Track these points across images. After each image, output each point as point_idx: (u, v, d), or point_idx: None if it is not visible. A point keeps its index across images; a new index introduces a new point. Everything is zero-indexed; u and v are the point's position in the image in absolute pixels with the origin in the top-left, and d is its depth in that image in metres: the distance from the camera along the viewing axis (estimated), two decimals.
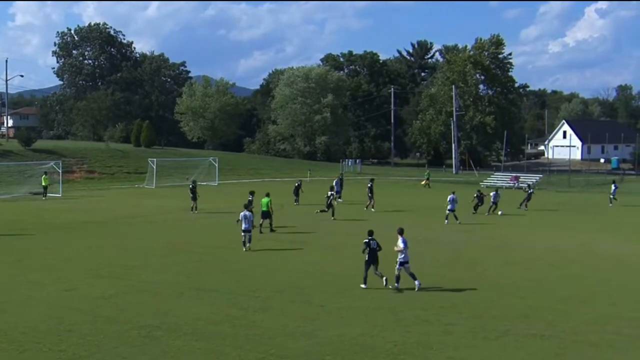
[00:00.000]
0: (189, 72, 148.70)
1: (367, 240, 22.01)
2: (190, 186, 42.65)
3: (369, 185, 44.99)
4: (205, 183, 62.48)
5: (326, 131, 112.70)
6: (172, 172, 69.09)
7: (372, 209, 43.32)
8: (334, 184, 46.14)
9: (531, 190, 47.12)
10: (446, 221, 37.84)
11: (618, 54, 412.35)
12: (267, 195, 34.36)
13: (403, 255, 21.38)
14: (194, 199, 41.42)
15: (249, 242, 28.65)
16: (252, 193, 35.83)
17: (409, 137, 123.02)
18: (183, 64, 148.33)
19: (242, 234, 28.58)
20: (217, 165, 69.79)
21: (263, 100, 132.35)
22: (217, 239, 31.44)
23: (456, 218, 37.84)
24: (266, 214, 33.46)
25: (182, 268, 24.71)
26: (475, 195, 43.24)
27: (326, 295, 20.68)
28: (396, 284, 21.30)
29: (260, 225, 33.12)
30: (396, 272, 21.34)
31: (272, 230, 33.61)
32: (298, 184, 49.24)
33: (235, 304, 19.50)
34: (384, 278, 21.58)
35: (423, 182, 69.57)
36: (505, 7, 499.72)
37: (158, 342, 15.94)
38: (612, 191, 50.89)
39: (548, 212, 44.73)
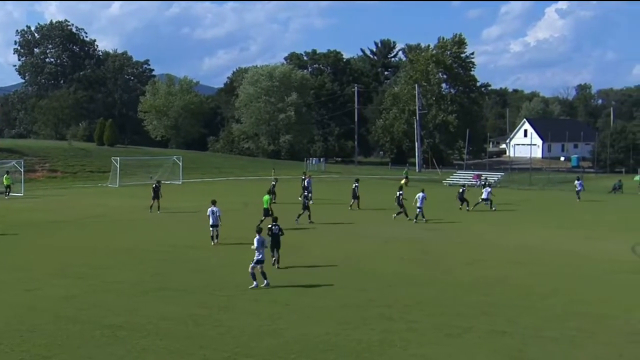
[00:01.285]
0: (153, 70, 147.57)
1: (270, 226, 24.50)
2: (154, 185, 42.34)
3: (354, 185, 45.11)
4: (169, 182, 62.14)
5: (290, 130, 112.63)
6: (135, 171, 68.60)
7: (358, 208, 43.55)
8: (305, 183, 45.87)
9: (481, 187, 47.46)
10: (415, 220, 37.83)
11: (578, 54, 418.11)
12: (268, 192, 35.72)
13: (259, 254, 21.12)
14: (156, 198, 41.16)
15: (217, 237, 29.25)
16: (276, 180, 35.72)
17: (373, 136, 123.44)
18: (146, 62, 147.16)
19: (210, 229, 29.20)
20: (181, 164, 69.41)
21: (227, 98, 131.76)
22: (181, 238, 31.34)
23: (423, 216, 38.11)
24: (267, 212, 34.03)
25: (146, 267, 24.63)
26: (460, 190, 44.76)
27: (291, 293, 20.75)
28: (254, 282, 21.10)
29: (261, 222, 33.14)
30: (250, 270, 21.20)
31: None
32: (274, 183, 49.00)
33: (200, 303, 19.49)
34: (274, 259, 24.52)
35: (403, 181, 69.90)
36: (468, 7, 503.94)
37: (122, 342, 15.89)
38: (577, 187, 52.51)
39: (510, 209, 45.24)
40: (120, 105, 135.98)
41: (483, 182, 59.45)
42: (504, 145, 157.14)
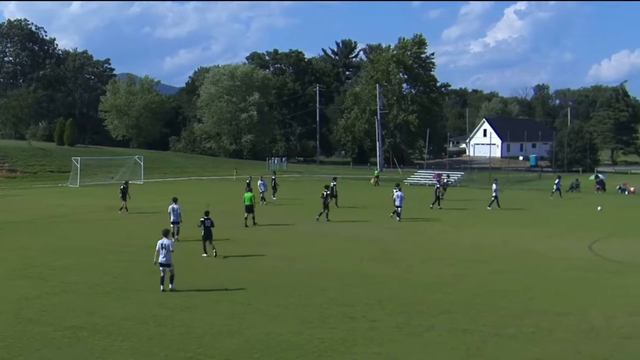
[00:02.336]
0: (114, 69, 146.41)
1: (202, 219, 26.38)
2: (122, 186, 42.03)
3: (332, 184, 45.45)
4: (130, 182, 61.57)
5: (252, 129, 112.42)
6: (96, 170, 68.07)
7: (336, 206, 43.82)
8: (259, 184, 45.96)
9: (438, 186, 47.73)
10: (398, 219, 38.14)
11: (536, 54, 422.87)
12: (250, 190, 36.68)
13: (163, 257, 20.77)
14: (124, 199, 40.85)
15: (177, 233, 29.94)
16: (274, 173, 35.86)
17: (334, 136, 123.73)
18: (107, 61, 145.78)
19: (171, 225, 29.74)
20: (142, 163, 68.96)
21: (189, 98, 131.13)
22: (142, 238, 31.11)
23: (398, 216, 38.38)
24: (250, 208, 35.13)
25: (107, 268, 24.48)
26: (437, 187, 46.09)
27: (252, 293, 20.79)
28: (162, 286, 20.76)
29: (245, 219, 35.07)
30: (162, 274, 20.84)
31: (254, 224, 35.18)
32: (249, 182, 48.90)
33: (162, 303, 19.45)
34: (215, 250, 26.31)
35: (372, 181, 70.16)
36: (428, 8, 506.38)
37: (84, 343, 15.82)
38: (556, 185, 54.65)
39: (470, 209, 45.72)
40: (80, 104, 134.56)
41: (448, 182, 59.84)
42: (463, 145, 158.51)
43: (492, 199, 45.54)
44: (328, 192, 39.03)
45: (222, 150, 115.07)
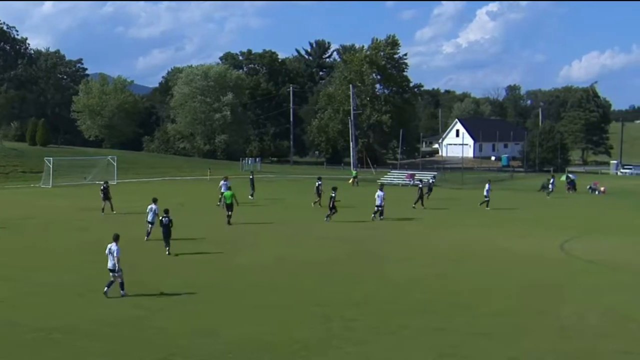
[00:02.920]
0: (86, 69, 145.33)
1: (161, 218, 27.45)
2: (102, 187, 41.70)
3: (317, 183, 46.18)
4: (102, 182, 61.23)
5: (226, 130, 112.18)
6: (69, 171, 67.41)
7: (320, 205, 44.06)
8: (220, 184, 45.58)
9: (420, 186, 47.88)
10: (380, 217, 38.56)
11: (508, 55, 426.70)
12: (230, 188, 37.88)
13: (113, 263, 20.20)
14: (106, 199, 40.44)
15: (149, 235, 30.27)
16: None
17: (308, 136, 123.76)
18: (80, 61, 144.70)
19: (148, 225, 30.23)
20: (115, 164, 68.41)
21: (162, 98, 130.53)
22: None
23: (381, 215, 38.60)
24: (230, 207, 35.80)
25: (81, 269, 24.28)
26: (420, 186, 46.53)
27: (227, 294, 20.77)
28: (105, 288, 20.11)
29: (227, 217, 35.53)
30: (113, 279, 20.32)
31: (229, 224, 35.37)
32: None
33: (136, 304, 19.35)
34: (168, 248, 26.89)
35: (350, 181, 70.22)
36: (401, 8, 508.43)
37: (57, 345, 15.72)
38: (551, 185, 55.84)
39: (444, 208, 45.93)
40: (52, 104, 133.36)
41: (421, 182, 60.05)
42: (436, 145, 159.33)
43: (485, 199, 45.93)
44: (334, 195, 38.53)
45: (196, 150, 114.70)
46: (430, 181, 56.47)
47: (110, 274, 20.18)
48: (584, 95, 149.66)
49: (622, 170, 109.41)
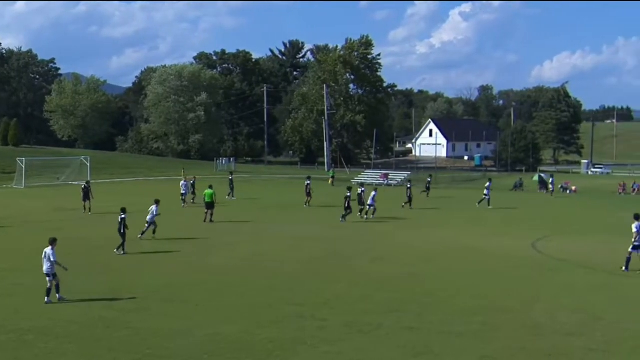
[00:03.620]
0: (59, 69, 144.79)
1: (121, 217, 27.23)
2: (83, 186, 41.55)
3: (306, 183, 46.54)
4: (76, 182, 60.79)
5: (200, 130, 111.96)
6: (42, 171, 66.95)
7: (309, 205, 44.99)
8: (181, 184, 45.39)
9: (409, 186, 48.16)
10: (365, 217, 39.02)
11: (480, 55, 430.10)
12: (211, 187, 37.80)
13: (44, 266, 19.63)
14: (87, 199, 40.39)
15: (143, 233, 30.53)
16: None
17: (282, 136, 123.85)
18: (52, 60, 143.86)
19: (146, 225, 30.68)
20: (89, 164, 67.95)
21: (136, 98, 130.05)
22: (90, 240, 30.81)
23: (366, 213, 39.20)
24: (210, 205, 36.62)
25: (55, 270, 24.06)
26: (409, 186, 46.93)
27: (201, 294, 20.73)
28: (46, 298, 19.39)
29: (206, 214, 36.56)
30: (48, 284, 19.61)
31: (211, 221, 36.26)
32: (192, 182, 48.73)
33: (110, 305, 19.24)
34: (121, 247, 27.13)
35: (329, 181, 70.34)
36: (375, 9, 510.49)
37: (30, 346, 15.59)
38: (551, 184, 57.50)
39: (416, 208, 46.11)
40: (25, 104, 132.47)
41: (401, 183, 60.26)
42: (410, 145, 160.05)
43: (484, 196, 46.85)
44: (349, 194, 38.73)
45: (170, 150, 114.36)
46: (428, 180, 56.77)
47: (47, 278, 19.56)
48: (555, 96, 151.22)
49: (592, 170, 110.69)
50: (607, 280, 23.89)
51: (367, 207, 39.18)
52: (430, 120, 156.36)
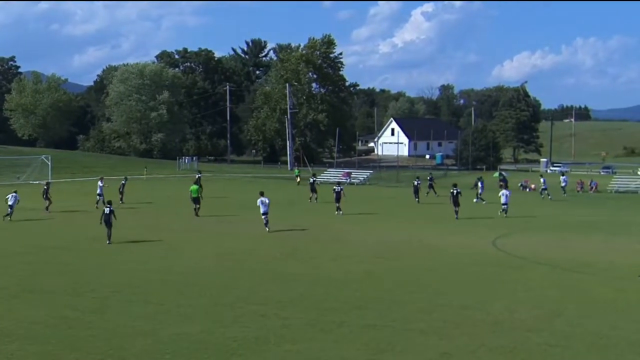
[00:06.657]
0: (19, 67, 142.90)
1: (104, 208, 29.50)
2: (44, 186, 41.71)
3: (311, 180, 48.78)
4: (37, 182, 60.07)
5: (162, 128, 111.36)
6: (2, 170, 66.09)
7: (312, 202, 47.03)
8: (99, 185, 44.43)
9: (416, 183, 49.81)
10: (340, 212, 40.81)
11: (442, 55, 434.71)
12: (196, 183, 41.04)
13: None
14: (46, 198, 40.64)
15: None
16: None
17: (245, 135, 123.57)
18: (12, 58, 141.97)
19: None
20: (49, 163, 67.20)
21: (97, 97, 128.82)
22: (48, 239, 30.54)
23: (339, 209, 40.84)
24: (196, 200, 39.00)
25: (14, 270, 23.86)
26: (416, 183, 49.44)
27: (164, 293, 20.68)
28: None
29: (195, 209, 38.77)
30: None
31: (197, 215, 38.48)
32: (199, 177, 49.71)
33: (72, 305, 19.15)
34: (109, 239, 28.69)
35: (298, 180, 70.29)
36: (338, 8, 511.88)
37: None
38: (562, 182, 58.55)
39: (378, 206, 46.42)
40: None
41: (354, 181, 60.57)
42: (372, 144, 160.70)
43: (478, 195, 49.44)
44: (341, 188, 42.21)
45: (132, 149, 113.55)
46: (429, 177, 57.67)
47: None
48: (514, 95, 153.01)
49: (551, 168, 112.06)
50: (564, 276, 24.31)
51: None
52: (392, 119, 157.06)
